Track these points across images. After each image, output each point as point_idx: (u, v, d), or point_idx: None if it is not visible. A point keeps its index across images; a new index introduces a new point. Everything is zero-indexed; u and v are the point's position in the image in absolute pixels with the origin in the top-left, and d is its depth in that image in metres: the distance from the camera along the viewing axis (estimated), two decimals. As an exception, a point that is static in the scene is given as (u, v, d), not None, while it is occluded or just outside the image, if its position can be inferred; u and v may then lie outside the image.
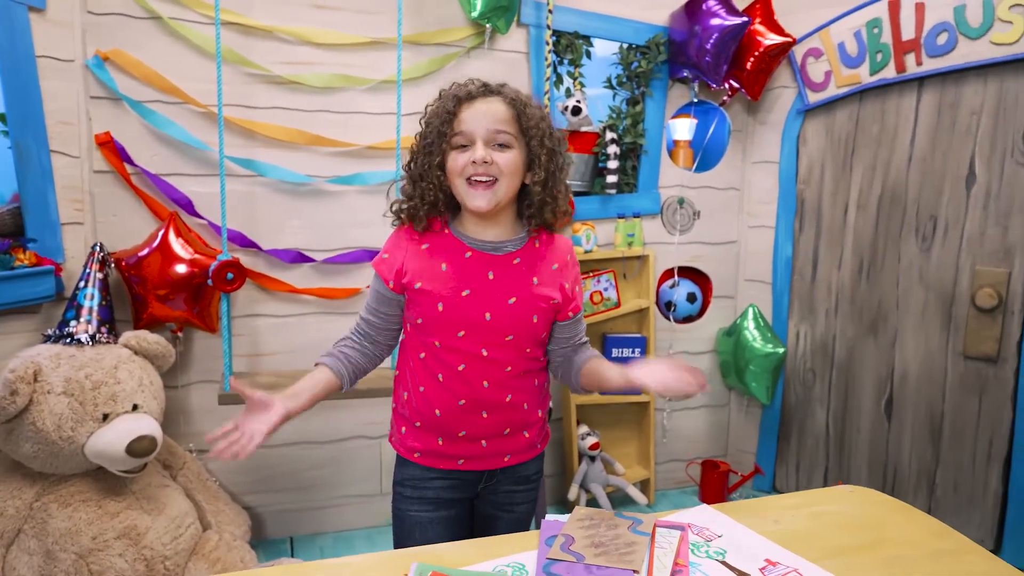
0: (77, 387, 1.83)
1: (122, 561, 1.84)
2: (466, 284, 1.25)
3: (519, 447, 1.36)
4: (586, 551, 1.01)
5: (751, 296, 2.95)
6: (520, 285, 1.27)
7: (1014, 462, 2.28)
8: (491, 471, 1.37)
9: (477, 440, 1.32)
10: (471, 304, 1.25)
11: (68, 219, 2.11)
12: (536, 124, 1.24)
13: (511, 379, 1.30)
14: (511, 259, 1.27)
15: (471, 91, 1.24)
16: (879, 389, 2.63)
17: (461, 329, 1.26)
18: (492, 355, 1.27)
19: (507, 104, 1.23)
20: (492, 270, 1.26)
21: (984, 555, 1.09)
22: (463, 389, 1.28)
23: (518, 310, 1.26)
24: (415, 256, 1.28)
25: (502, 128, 1.21)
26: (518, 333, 1.27)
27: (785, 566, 1.04)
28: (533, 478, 1.43)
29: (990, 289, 2.30)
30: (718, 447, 3.07)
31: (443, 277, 1.25)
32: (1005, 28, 2.18)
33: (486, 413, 1.30)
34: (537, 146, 1.24)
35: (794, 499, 1.28)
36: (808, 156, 2.78)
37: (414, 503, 1.36)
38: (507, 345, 1.27)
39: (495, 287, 1.26)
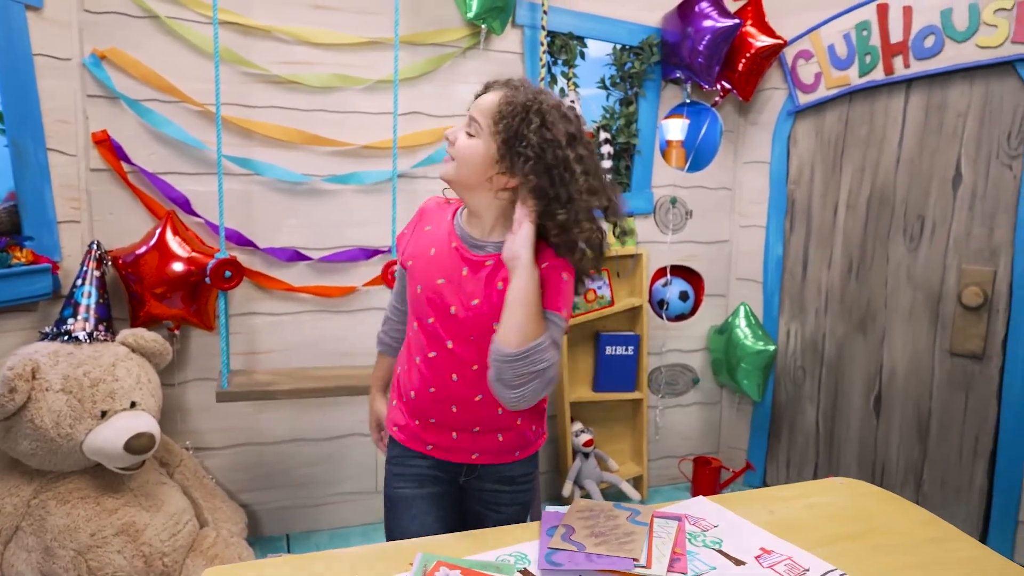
0: (75, 384, 1.84)
1: (120, 558, 1.85)
2: (443, 273, 1.28)
3: (489, 448, 1.34)
4: (586, 540, 1.03)
5: (742, 295, 2.99)
6: (486, 289, 1.25)
7: (999, 457, 2.32)
8: (468, 466, 1.36)
9: (447, 430, 1.33)
10: (442, 293, 1.27)
11: (65, 217, 2.11)
12: (511, 113, 1.18)
13: (480, 378, 1.26)
14: (485, 260, 1.26)
15: (489, 84, 1.29)
16: (868, 386, 2.67)
17: (431, 316, 1.29)
18: (456, 349, 1.27)
19: (499, 95, 1.23)
20: (467, 266, 1.27)
21: (970, 542, 1.12)
22: (433, 377, 1.30)
23: (480, 312, 1.25)
24: (418, 236, 1.36)
25: (476, 116, 1.23)
26: (479, 335, 1.25)
27: (779, 554, 1.07)
28: (519, 480, 1.40)
29: (976, 288, 2.34)
30: (710, 444, 3.11)
31: (428, 261, 1.30)
32: (990, 31, 2.23)
33: (455, 407, 1.31)
34: (519, 146, 1.18)
35: (787, 491, 1.32)
36: (798, 157, 2.82)
37: (399, 480, 1.39)
38: (470, 343, 1.26)
39: (464, 284, 1.26)
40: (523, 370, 1.12)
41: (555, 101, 1.23)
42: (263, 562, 1.01)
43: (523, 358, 1.12)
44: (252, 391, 2.11)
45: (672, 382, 2.99)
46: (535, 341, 1.13)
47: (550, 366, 1.15)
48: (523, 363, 1.12)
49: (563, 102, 1.25)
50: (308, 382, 2.20)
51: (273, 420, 2.43)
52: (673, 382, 3.00)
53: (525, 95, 1.21)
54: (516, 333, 1.13)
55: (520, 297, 1.14)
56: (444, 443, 1.34)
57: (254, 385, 2.14)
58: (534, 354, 1.13)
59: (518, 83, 1.25)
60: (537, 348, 1.13)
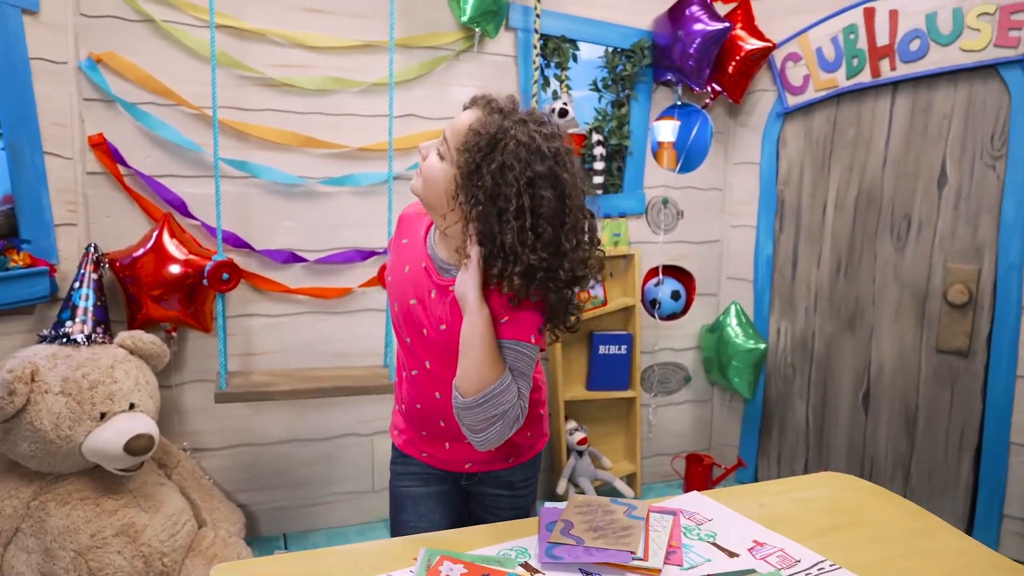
0: (74, 387, 1.85)
1: (120, 558, 1.86)
2: (414, 293, 1.24)
3: (481, 458, 1.34)
4: (585, 535, 1.06)
5: (733, 294, 3.03)
6: (452, 315, 1.20)
7: (984, 452, 2.37)
8: (462, 474, 1.39)
9: (440, 441, 1.34)
10: (414, 314, 1.24)
11: (62, 220, 2.12)
12: (474, 145, 1.09)
13: None
14: (450, 285, 1.20)
15: (477, 98, 1.20)
16: (856, 383, 2.72)
17: (408, 335, 1.27)
18: (434, 369, 1.25)
19: (472, 117, 1.15)
20: (435, 289, 1.22)
21: (956, 534, 1.16)
22: (418, 394, 1.30)
23: (448, 337, 1.20)
24: (396, 250, 1.33)
25: (448, 137, 1.15)
26: (450, 358, 1.18)
27: (772, 546, 1.10)
28: (518, 485, 1.40)
29: (961, 286, 2.39)
30: (702, 441, 3.15)
31: (403, 279, 1.27)
32: (973, 36, 2.27)
33: (443, 422, 1.30)
34: (475, 182, 1.09)
35: (779, 485, 1.35)
36: (788, 158, 2.86)
37: (405, 479, 1.40)
38: (445, 363, 1.21)
39: (433, 307, 1.22)
40: (482, 415, 1.09)
41: (527, 136, 1.09)
42: (270, 559, 1.04)
43: (481, 404, 1.09)
44: (250, 392, 2.13)
45: (664, 380, 3.03)
46: (492, 386, 1.09)
47: (510, 408, 1.09)
48: (481, 409, 1.09)
49: (542, 132, 1.11)
50: (305, 383, 2.22)
51: (270, 421, 2.45)
52: (665, 380, 3.03)
53: (497, 126, 1.11)
54: (470, 380, 1.09)
55: (469, 340, 1.10)
56: (438, 454, 1.36)
57: (252, 386, 2.16)
58: (492, 398, 1.08)
59: (500, 106, 1.15)
60: (494, 392, 1.09)
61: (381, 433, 2.56)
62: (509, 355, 1.15)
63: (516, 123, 1.11)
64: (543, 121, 1.14)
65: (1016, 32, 2.19)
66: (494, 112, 1.14)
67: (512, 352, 1.15)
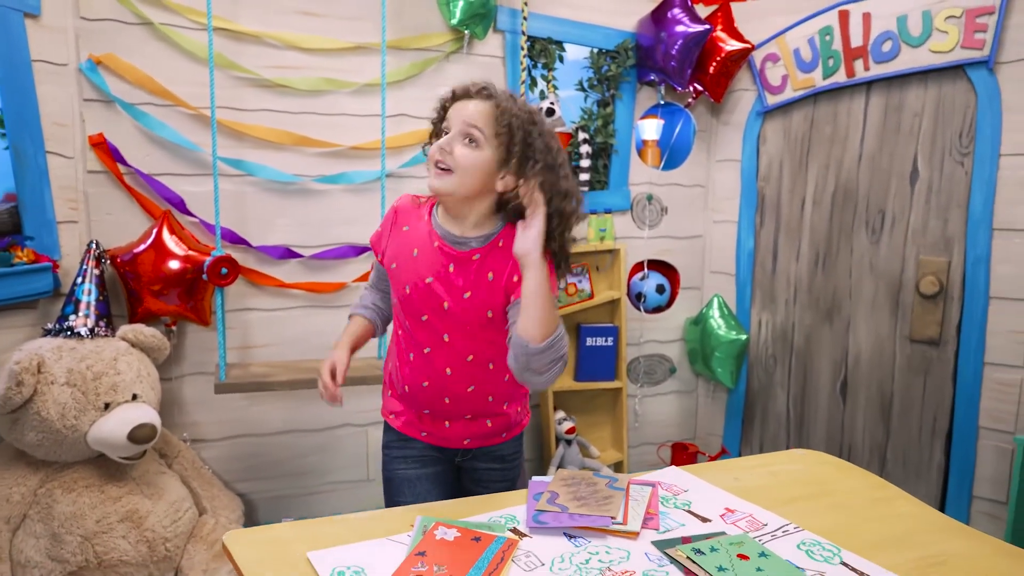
0: (79, 378, 1.92)
1: (126, 543, 1.93)
2: (430, 271, 1.32)
3: (480, 433, 1.44)
4: (569, 503, 1.15)
5: (716, 287, 3.13)
6: (476, 281, 1.30)
7: (954, 436, 2.47)
8: (462, 450, 1.47)
9: (440, 420, 1.42)
10: (433, 291, 1.32)
11: (64, 218, 2.18)
12: (519, 126, 1.26)
13: (474, 369, 1.36)
14: (471, 255, 1.31)
15: (469, 89, 1.31)
16: (834, 372, 2.82)
17: (424, 313, 1.35)
18: (453, 342, 1.34)
19: (491, 105, 1.28)
20: (453, 263, 1.31)
21: (913, 501, 1.25)
22: (427, 372, 1.38)
23: (473, 304, 1.30)
24: (396, 237, 1.39)
25: (475, 123, 1.26)
26: (475, 325, 1.32)
27: (742, 512, 1.19)
28: (508, 459, 1.51)
29: (932, 277, 2.50)
30: (687, 430, 3.24)
31: (412, 262, 1.34)
32: (942, 37, 2.38)
33: (448, 399, 1.39)
34: (521, 152, 1.26)
35: (752, 461, 1.44)
36: (767, 155, 2.96)
37: (400, 462, 1.47)
38: (467, 334, 1.33)
39: (453, 279, 1.31)
40: (549, 358, 1.18)
41: (535, 106, 1.34)
42: (278, 525, 1.11)
43: (550, 347, 1.18)
44: (249, 382, 2.19)
45: (650, 371, 3.12)
46: (556, 332, 1.19)
47: (565, 350, 1.22)
48: (550, 352, 1.18)
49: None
50: (302, 373, 2.28)
51: (267, 412, 2.51)
52: (651, 371, 3.13)
53: (519, 105, 1.29)
54: (539, 327, 1.17)
55: (537, 290, 1.18)
56: (438, 432, 1.44)
57: (250, 377, 2.23)
58: (557, 342, 1.19)
59: (502, 91, 1.30)
60: (558, 336, 1.19)
61: (375, 424, 2.64)
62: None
63: (522, 98, 1.33)
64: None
65: (981, 34, 2.30)
66: (506, 96, 1.30)
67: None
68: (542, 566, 1.01)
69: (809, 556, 1.05)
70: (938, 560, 1.04)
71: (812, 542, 1.09)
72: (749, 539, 1.09)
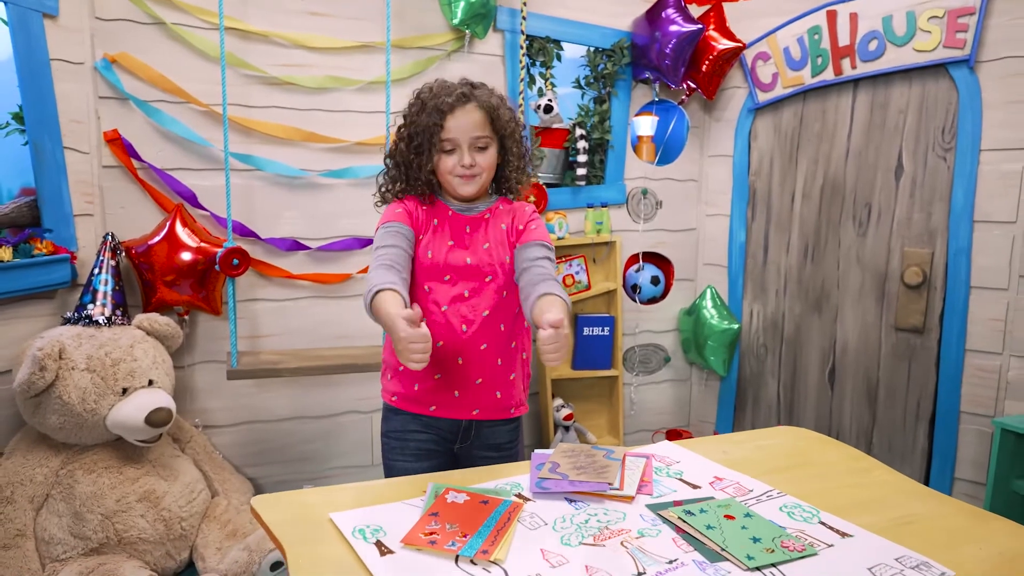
0: (98, 364, 2.00)
1: (144, 521, 2.02)
2: (450, 236, 1.51)
3: (489, 404, 1.52)
4: (570, 472, 1.24)
5: (709, 278, 3.22)
6: (491, 234, 1.52)
7: (937, 420, 2.58)
8: (465, 427, 1.53)
9: (450, 389, 1.49)
10: (454, 251, 1.49)
11: (80, 211, 2.26)
12: (506, 123, 1.51)
13: (488, 327, 1.48)
14: (483, 216, 1.54)
15: (452, 102, 1.46)
16: (823, 360, 2.92)
17: (447, 273, 1.49)
18: (472, 296, 1.48)
19: (483, 110, 1.48)
20: (468, 224, 1.52)
21: (889, 471, 1.35)
22: (443, 331, 1.46)
23: (492, 252, 1.50)
24: (420, 210, 1.54)
25: (481, 134, 1.48)
26: (495, 272, 1.49)
27: (729, 480, 1.28)
28: (504, 447, 1.58)
29: (916, 268, 2.60)
30: (681, 417, 3.34)
31: (435, 231, 1.52)
32: (925, 37, 2.47)
33: (461, 359, 1.47)
34: (509, 141, 1.52)
35: (740, 436, 1.54)
36: (758, 150, 3.05)
37: (399, 454, 1.55)
38: (487, 286, 1.49)
39: (471, 237, 1.51)
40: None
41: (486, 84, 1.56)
42: (300, 491, 1.20)
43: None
44: (260, 369, 2.28)
45: (645, 360, 3.22)
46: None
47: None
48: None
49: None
50: (310, 361, 2.37)
51: (275, 399, 2.60)
52: (646, 360, 3.22)
53: (492, 95, 1.51)
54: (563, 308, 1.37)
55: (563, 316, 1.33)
56: (446, 401, 1.49)
57: (261, 364, 2.32)
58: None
59: (480, 91, 1.50)
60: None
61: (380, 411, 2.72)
62: (537, 249, 1.48)
63: (492, 89, 1.54)
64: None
65: (962, 34, 2.39)
66: (488, 92, 1.51)
67: (540, 248, 1.49)
68: (545, 525, 1.11)
69: (790, 517, 1.15)
70: (907, 520, 1.13)
71: (793, 505, 1.18)
72: (736, 502, 1.18)
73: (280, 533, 1.04)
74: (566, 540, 1.06)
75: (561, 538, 1.07)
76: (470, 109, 1.47)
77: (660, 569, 0.98)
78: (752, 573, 0.97)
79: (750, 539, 1.06)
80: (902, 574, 0.98)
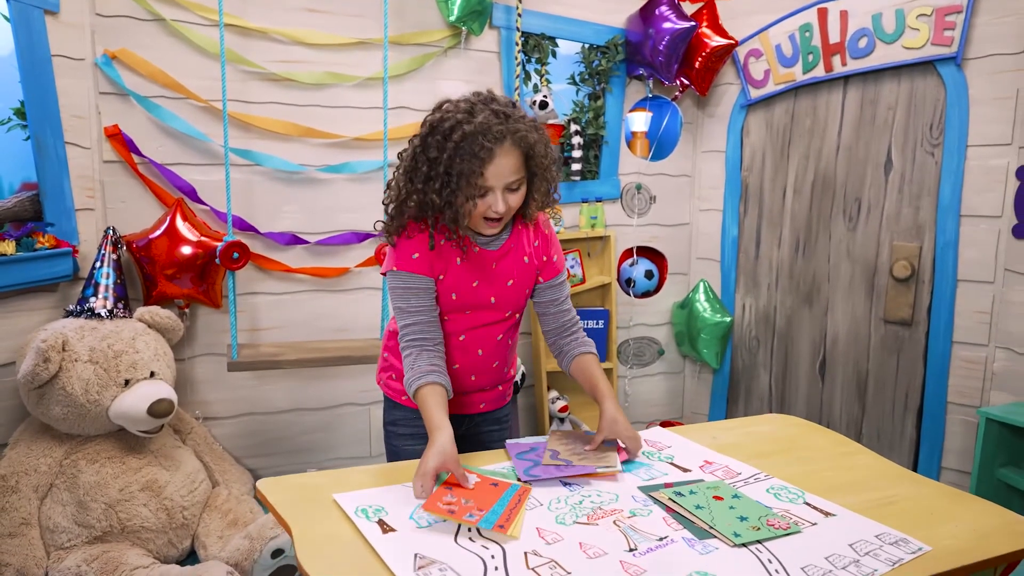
0: (101, 356, 2.03)
1: (146, 510, 2.06)
2: (476, 276, 1.44)
3: (493, 398, 1.61)
4: (572, 458, 1.28)
5: (702, 272, 3.27)
6: (515, 268, 1.47)
7: (925, 411, 2.63)
8: (469, 417, 1.60)
9: (459, 394, 1.54)
10: (480, 292, 1.45)
11: (81, 205, 2.29)
12: (540, 161, 1.37)
13: (500, 347, 1.53)
14: (507, 248, 1.46)
15: (491, 147, 1.29)
16: (814, 352, 2.97)
17: (468, 309, 1.47)
18: (491, 328, 1.50)
19: (519, 149, 1.33)
20: (495, 261, 1.45)
21: (873, 456, 1.40)
22: (460, 356, 1.50)
23: (516, 288, 1.48)
24: (437, 252, 1.43)
25: (515, 177, 1.34)
26: (514, 307, 1.50)
27: (719, 464, 1.33)
28: (503, 420, 1.68)
29: (905, 261, 2.64)
30: (674, 409, 3.39)
31: (458, 270, 1.42)
32: (914, 35, 2.52)
33: (475, 376, 1.53)
34: (539, 180, 1.39)
35: (730, 423, 1.58)
36: (751, 146, 3.10)
37: (407, 439, 1.58)
38: (506, 319, 1.51)
39: (498, 275, 1.46)
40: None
41: (525, 111, 1.41)
42: (305, 474, 1.24)
43: None
44: (260, 361, 2.32)
45: (639, 353, 3.27)
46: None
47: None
48: None
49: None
50: (310, 353, 2.41)
51: (274, 391, 2.64)
52: (640, 353, 3.27)
53: (527, 124, 1.34)
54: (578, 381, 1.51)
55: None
56: (454, 403, 1.51)
57: (261, 356, 2.35)
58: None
59: (512, 113, 1.32)
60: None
61: (377, 403, 2.76)
62: (564, 288, 1.56)
63: (530, 118, 1.38)
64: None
65: (950, 32, 2.44)
66: (515, 132, 1.32)
67: (565, 287, 1.56)
68: (540, 506, 1.15)
69: (776, 498, 1.19)
70: (889, 501, 1.18)
71: (780, 487, 1.23)
72: (724, 484, 1.23)
73: (285, 513, 1.08)
74: (561, 519, 1.10)
75: (556, 517, 1.11)
76: (508, 149, 1.31)
77: (651, 545, 1.02)
78: (738, 549, 1.02)
79: (737, 518, 1.10)
80: (881, 549, 1.02)
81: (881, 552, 1.01)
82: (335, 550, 0.98)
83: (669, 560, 0.98)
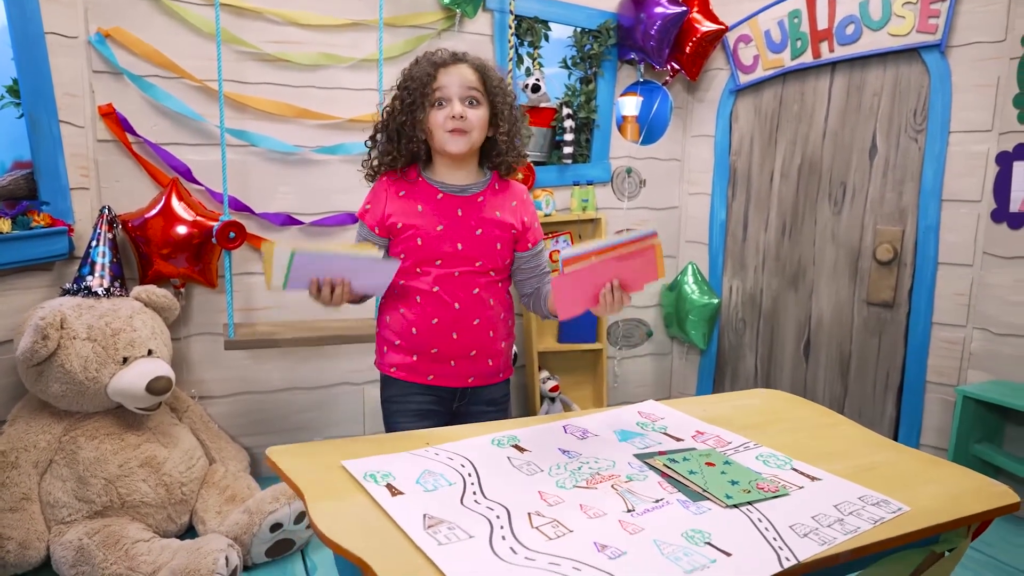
0: (99, 333, 2.05)
1: (146, 486, 2.08)
2: (440, 220, 1.50)
3: (483, 372, 1.61)
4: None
5: (690, 255, 3.33)
6: (484, 218, 1.52)
7: (905, 390, 2.71)
8: (461, 391, 1.62)
9: (446, 360, 1.57)
10: (445, 237, 1.50)
11: (76, 184, 2.30)
12: (498, 85, 1.51)
13: (479, 303, 1.55)
14: (476, 198, 1.53)
15: (445, 58, 1.50)
16: (799, 334, 3.05)
17: (438, 258, 1.52)
18: (463, 278, 1.53)
19: (474, 69, 1.49)
20: (460, 207, 1.51)
21: (855, 427, 1.46)
22: (437, 309, 1.53)
23: (484, 239, 1.52)
24: (394, 201, 1.54)
25: (474, 86, 1.47)
26: (485, 259, 1.53)
27: (709, 434, 1.38)
28: (499, 401, 1.68)
29: (888, 245, 2.71)
30: (662, 389, 3.46)
31: (420, 216, 1.50)
32: (900, 22, 2.57)
33: (456, 334, 1.55)
34: (500, 103, 1.50)
35: (719, 397, 1.64)
36: (739, 131, 3.15)
37: (401, 416, 1.62)
38: (476, 270, 1.53)
39: (463, 221, 1.51)
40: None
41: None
42: (313, 443, 1.28)
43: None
44: (256, 340, 2.34)
45: (628, 335, 3.32)
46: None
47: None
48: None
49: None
50: (305, 332, 2.44)
51: (270, 371, 2.66)
52: (629, 335, 3.33)
53: (486, 62, 1.53)
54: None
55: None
56: (443, 371, 1.58)
57: (257, 335, 2.38)
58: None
59: (471, 55, 1.53)
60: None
61: (372, 382, 2.80)
62: (543, 256, 1.64)
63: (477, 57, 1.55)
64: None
65: (935, 20, 2.49)
66: (476, 57, 1.53)
67: (543, 254, 1.64)
68: (541, 472, 1.19)
69: (765, 464, 1.25)
70: (870, 467, 1.24)
71: (768, 454, 1.29)
72: (716, 452, 1.28)
73: (297, 478, 1.12)
74: (561, 484, 1.15)
75: (556, 482, 1.16)
76: (463, 67, 1.48)
77: (648, 507, 1.08)
78: (730, 510, 1.07)
79: (729, 482, 1.16)
80: (864, 510, 1.08)
81: (863, 512, 1.07)
82: (347, 512, 1.02)
83: (666, 520, 1.03)
